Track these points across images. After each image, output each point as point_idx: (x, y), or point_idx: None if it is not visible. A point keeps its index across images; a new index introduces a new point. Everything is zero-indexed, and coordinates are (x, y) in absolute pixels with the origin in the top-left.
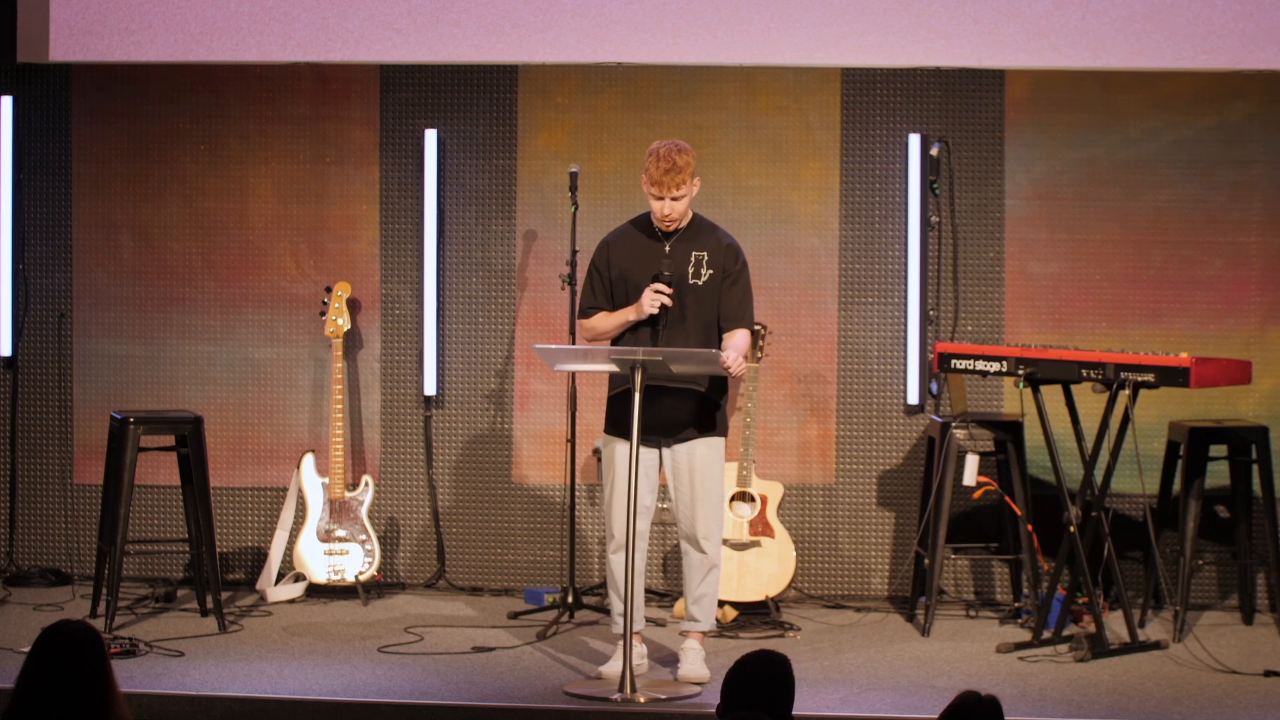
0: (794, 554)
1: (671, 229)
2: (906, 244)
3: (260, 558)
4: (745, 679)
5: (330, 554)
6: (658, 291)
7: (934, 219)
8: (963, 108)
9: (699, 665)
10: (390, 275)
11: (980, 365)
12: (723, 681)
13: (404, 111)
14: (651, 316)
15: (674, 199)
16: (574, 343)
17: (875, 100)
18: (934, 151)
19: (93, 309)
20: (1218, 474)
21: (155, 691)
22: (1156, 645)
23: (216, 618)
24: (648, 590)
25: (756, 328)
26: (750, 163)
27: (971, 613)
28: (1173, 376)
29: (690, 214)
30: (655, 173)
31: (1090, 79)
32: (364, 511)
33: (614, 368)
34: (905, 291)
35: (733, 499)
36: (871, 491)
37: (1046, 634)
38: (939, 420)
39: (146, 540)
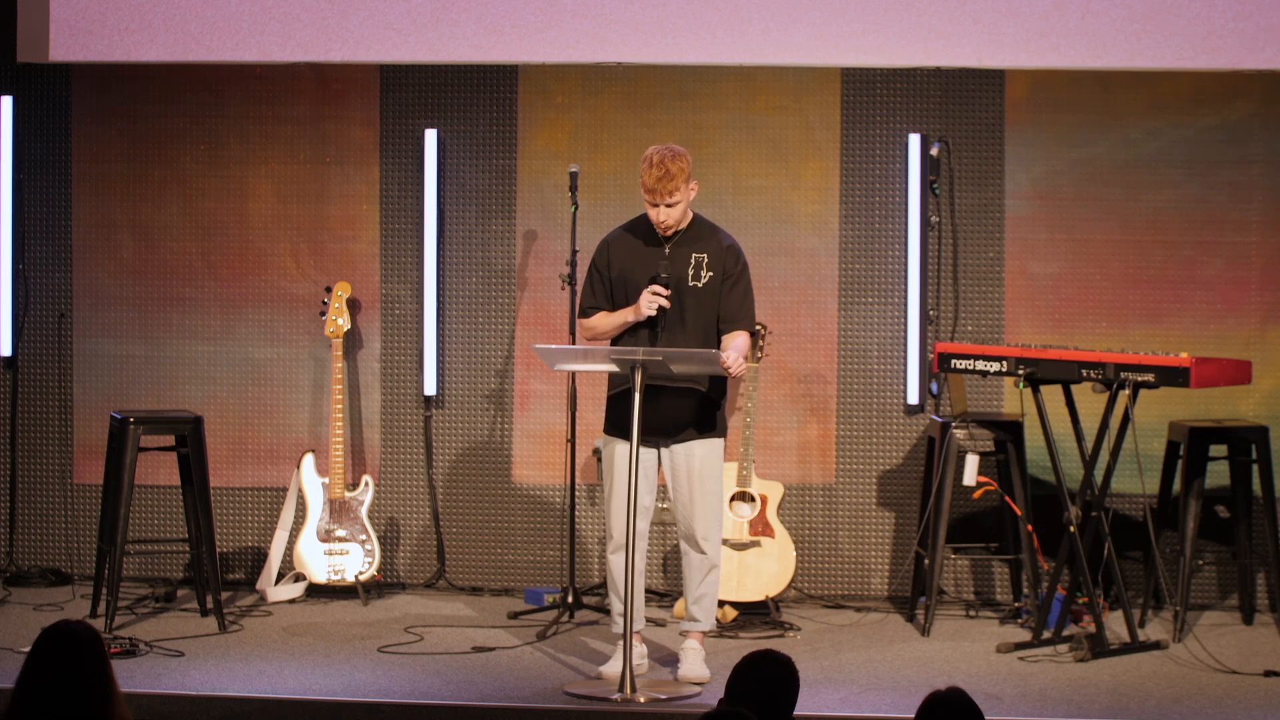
0: (794, 554)
1: (671, 232)
2: (906, 244)
3: (260, 558)
4: (750, 677)
5: (330, 554)
6: (655, 293)
7: (934, 219)
8: (963, 108)
9: (699, 665)
10: (390, 275)
11: (980, 365)
12: (728, 678)
13: (404, 111)
14: (650, 318)
15: (669, 206)
16: (574, 343)
17: (875, 100)
18: (934, 151)
19: (93, 309)
20: (1218, 474)
21: (155, 691)
22: (1156, 645)
23: (216, 618)
24: (648, 590)
25: (756, 328)
26: (750, 163)
27: (971, 613)
28: (1173, 376)
29: (690, 215)
30: (649, 180)
31: (1090, 79)
32: (364, 511)
33: (614, 368)
34: (905, 291)
35: (733, 499)
36: (871, 491)
37: (1046, 634)
38: (939, 420)
39: (146, 540)
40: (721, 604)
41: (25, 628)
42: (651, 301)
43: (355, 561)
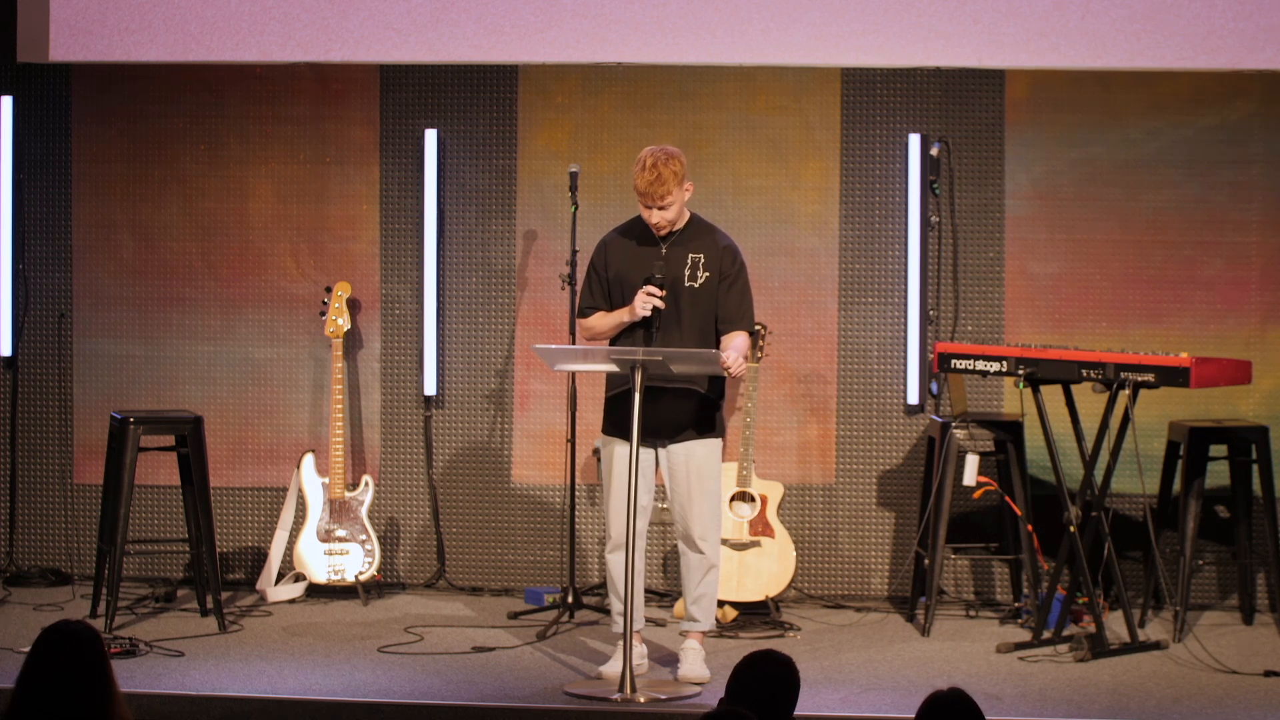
0: (794, 554)
1: (666, 233)
2: (906, 244)
3: (260, 558)
4: (750, 677)
5: (330, 554)
6: (649, 294)
7: (934, 219)
8: (963, 108)
9: (699, 665)
10: (390, 275)
11: (980, 365)
12: (729, 678)
13: (404, 111)
14: (645, 318)
15: (661, 208)
16: (574, 343)
17: (875, 100)
18: (934, 151)
19: (93, 309)
20: (1218, 474)
21: (155, 691)
22: (1156, 645)
23: (216, 618)
24: (647, 590)
25: (756, 328)
26: (750, 163)
27: (971, 613)
28: (1173, 376)
29: (688, 215)
30: (641, 184)
31: (1090, 79)
32: (364, 511)
33: (614, 368)
34: (905, 291)
35: (733, 499)
36: (871, 491)
37: (1046, 634)
38: (939, 420)
39: (146, 540)
40: (721, 604)
41: (25, 628)
42: (646, 302)
43: (355, 561)
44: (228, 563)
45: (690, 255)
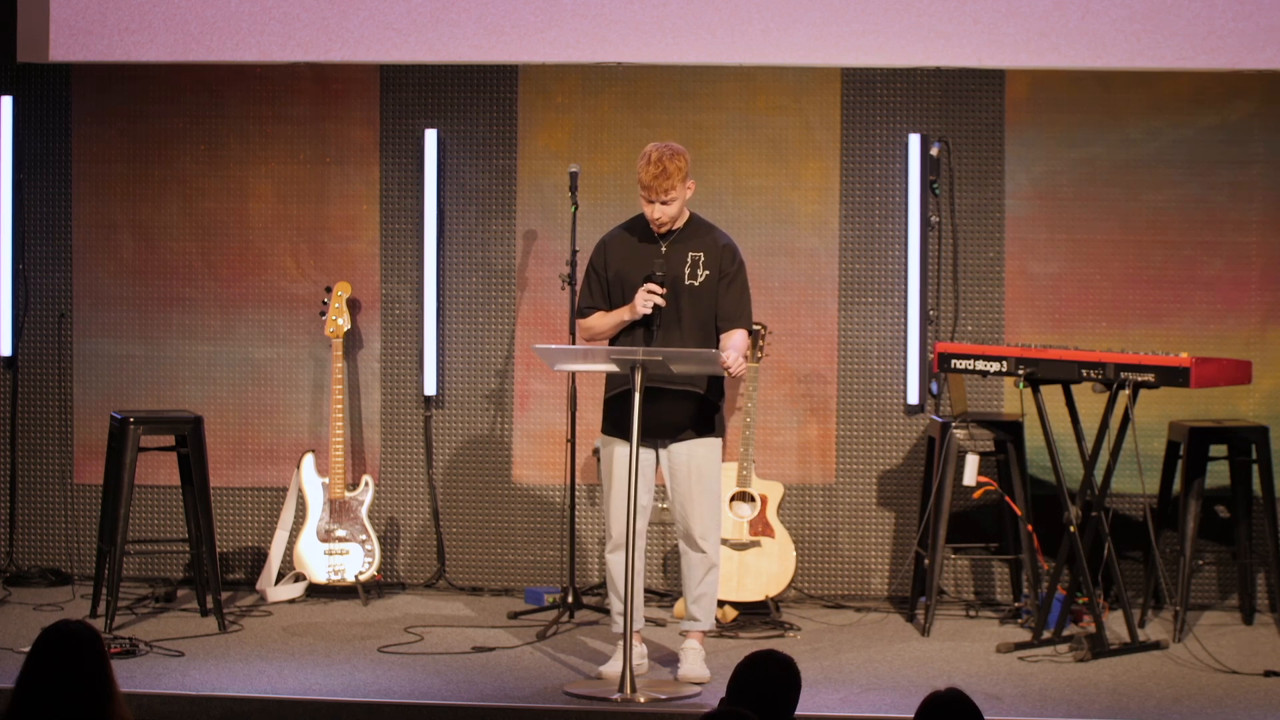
0: (794, 554)
1: (666, 230)
2: (906, 244)
3: (260, 558)
4: (751, 677)
5: (330, 554)
6: (650, 292)
7: (934, 219)
8: (963, 108)
9: (699, 665)
10: (390, 275)
11: (980, 365)
12: (730, 677)
13: (404, 111)
14: (645, 317)
15: (663, 203)
16: (574, 343)
17: (875, 100)
18: (934, 151)
19: (93, 309)
20: (1218, 474)
21: (155, 691)
22: (1156, 645)
23: (216, 618)
24: (647, 590)
25: (756, 328)
26: (750, 163)
27: (971, 613)
28: (1173, 376)
29: (687, 214)
30: (645, 177)
31: (1090, 79)
32: (364, 511)
33: (614, 368)
34: (905, 291)
35: (733, 499)
36: (871, 491)
37: (1046, 634)
38: (939, 420)
39: (146, 540)
40: (721, 604)
41: (25, 628)
42: (646, 300)
43: (355, 561)
44: (228, 563)
45: (690, 254)
